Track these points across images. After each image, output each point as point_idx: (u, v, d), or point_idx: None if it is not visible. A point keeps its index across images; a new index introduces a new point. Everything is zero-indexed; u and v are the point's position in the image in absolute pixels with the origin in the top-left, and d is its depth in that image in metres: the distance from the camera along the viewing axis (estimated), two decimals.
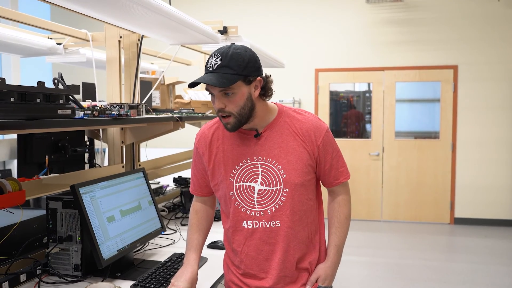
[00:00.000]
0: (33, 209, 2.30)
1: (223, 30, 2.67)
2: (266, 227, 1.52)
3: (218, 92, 1.42)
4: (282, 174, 1.50)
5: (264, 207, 1.52)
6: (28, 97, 1.45)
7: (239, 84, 1.41)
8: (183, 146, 4.55)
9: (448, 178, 6.30)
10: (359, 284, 4.15)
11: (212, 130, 1.61)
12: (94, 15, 1.85)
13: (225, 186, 1.55)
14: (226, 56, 1.40)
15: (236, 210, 1.55)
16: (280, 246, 1.53)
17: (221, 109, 1.43)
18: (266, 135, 1.53)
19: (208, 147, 1.59)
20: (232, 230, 1.58)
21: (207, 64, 1.43)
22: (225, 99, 1.42)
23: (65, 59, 2.95)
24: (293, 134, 1.52)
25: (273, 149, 1.51)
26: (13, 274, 1.68)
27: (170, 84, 3.04)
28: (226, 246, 1.68)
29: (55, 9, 6.89)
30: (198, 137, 1.64)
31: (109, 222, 1.78)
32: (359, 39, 6.46)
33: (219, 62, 1.40)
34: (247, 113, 1.45)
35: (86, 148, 2.51)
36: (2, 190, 1.59)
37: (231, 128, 1.46)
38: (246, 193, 1.53)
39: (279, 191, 1.50)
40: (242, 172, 1.53)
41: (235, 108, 1.43)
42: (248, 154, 1.53)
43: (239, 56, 1.40)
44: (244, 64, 1.40)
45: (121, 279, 1.77)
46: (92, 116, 1.84)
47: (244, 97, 1.43)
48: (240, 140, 1.55)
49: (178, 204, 2.98)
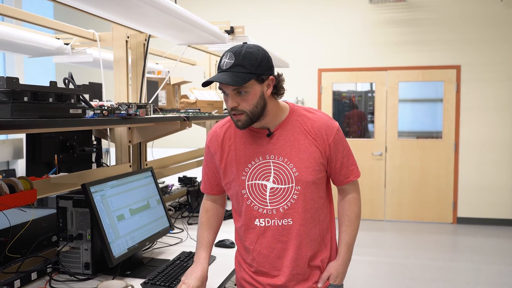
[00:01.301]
0: (38, 208, 2.32)
1: (230, 30, 2.68)
2: (278, 225, 1.53)
3: (232, 90, 1.43)
4: (294, 172, 1.51)
5: (276, 205, 1.53)
6: (40, 96, 1.47)
7: (252, 82, 1.43)
8: (188, 146, 4.56)
9: (451, 178, 6.31)
10: (363, 283, 4.16)
11: (224, 129, 1.62)
12: (103, 15, 1.86)
13: (237, 184, 1.56)
14: (239, 55, 1.41)
15: (248, 208, 1.56)
16: (293, 244, 1.54)
17: (235, 107, 1.44)
18: (278, 133, 1.54)
19: (220, 146, 1.60)
20: (245, 228, 1.59)
21: (220, 63, 1.45)
22: (239, 97, 1.44)
23: (72, 59, 2.96)
24: (305, 133, 1.53)
25: (285, 148, 1.53)
26: (24, 273, 1.70)
27: (176, 84, 3.05)
28: (238, 244, 1.69)
29: (58, 9, 6.91)
30: (210, 136, 1.65)
31: (119, 221, 1.80)
32: (362, 39, 6.47)
33: (232, 61, 1.41)
34: (259, 112, 1.47)
35: (93, 148, 2.53)
36: (14, 189, 1.60)
37: (242, 126, 1.48)
38: (259, 191, 1.54)
39: (291, 189, 1.52)
40: (254, 171, 1.54)
41: (248, 107, 1.44)
42: (260, 152, 1.54)
43: (252, 55, 1.42)
44: (257, 63, 1.42)
45: (131, 277, 1.78)
46: (101, 115, 1.85)
47: (257, 95, 1.45)
48: (252, 139, 1.56)
49: (184, 203, 2.99)
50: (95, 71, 3.30)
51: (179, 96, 3.14)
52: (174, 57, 3.62)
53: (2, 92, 1.35)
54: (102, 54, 2.72)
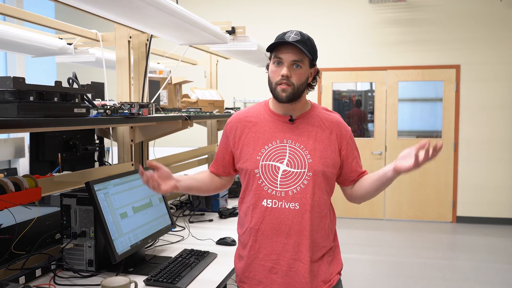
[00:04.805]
0: (42, 206, 2.34)
1: (231, 31, 2.70)
2: (284, 208, 1.56)
3: (291, 60, 1.53)
4: (308, 158, 1.57)
5: (286, 187, 1.57)
6: (45, 96, 1.49)
7: (307, 62, 1.56)
8: (189, 145, 4.59)
9: (450, 177, 6.34)
10: (362, 282, 4.19)
11: (245, 113, 1.70)
12: (107, 15, 1.89)
13: (251, 163, 1.61)
14: (304, 35, 1.55)
15: (259, 188, 1.59)
16: (296, 228, 1.56)
17: (287, 76, 1.53)
18: (299, 122, 1.62)
19: (239, 128, 1.67)
20: (252, 208, 1.61)
21: (284, 36, 1.54)
22: (292, 70, 1.54)
23: (74, 59, 2.98)
24: (323, 128, 1.62)
25: (303, 136, 1.60)
26: (28, 269, 1.72)
27: (177, 83, 3.07)
28: (239, 231, 1.71)
29: (59, 9, 6.93)
30: (231, 119, 1.73)
31: (122, 218, 1.82)
32: (362, 39, 6.50)
33: (298, 38, 1.53)
34: (301, 91, 1.58)
35: (96, 147, 2.55)
36: (19, 187, 1.63)
37: (286, 97, 1.55)
38: (271, 172, 1.58)
39: (303, 174, 1.56)
40: (270, 152, 1.60)
41: (298, 81, 1.54)
42: (279, 136, 1.61)
43: (313, 41, 1.58)
44: (315, 49, 1.59)
45: (133, 274, 1.81)
46: (105, 114, 1.88)
47: (306, 75, 1.58)
48: (273, 123, 1.63)
49: (186, 201, 3.02)
50: (97, 71, 3.33)
51: (180, 95, 3.16)
52: (175, 56, 3.64)
53: (8, 91, 1.38)
54: (105, 54, 2.74)
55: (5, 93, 1.38)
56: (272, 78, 1.57)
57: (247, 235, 1.64)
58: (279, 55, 1.54)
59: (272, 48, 1.56)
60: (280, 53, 1.54)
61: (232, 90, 6.46)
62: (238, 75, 6.25)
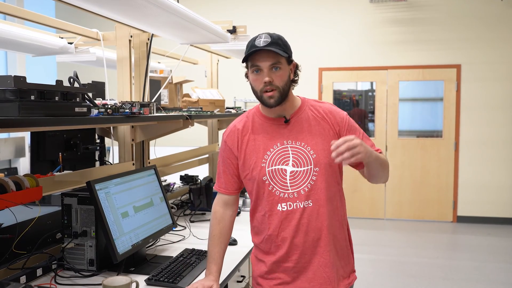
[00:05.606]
0: (43, 205, 2.33)
1: (232, 30, 2.70)
2: (299, 207, 1.57)
3: (269, 65, 1.52)
4: (312, 154, 1.58)
5: (297, 187, 1.57)
6: (47, 95, 1.49)
7: (284, 61, 1.55)
8: (190, 144, 4.58)
9: (451, 176, 6.34)
10: (363, 281, 4.18)
11: (241, 123, 1.68)
12: (108, 14, 1.89)
13: (257, 172, 1.60)
14: (273, 36, 1.55)
15: (270, 194, 1.59)
16: (313, 225, 1.57)
17: (270, 82, 1.52)
18: (293, 121, 1.62)
19: (239, 138, 1.66)
20: (269, 215, 1.60)
21: (254, 42, 1.53)
22: (273, 74, 1.53)
23: (75, 58, 2.98)
24: (318, 119, 1.62)
25: (301, 133, 1.60)
26: (29, 269, 1.72)
27: (178, 83, 3.07)
28: (255, 241, 1.70)
29: (60, 8, 6.92)
30: (227, 132, 1.70)
31: (123, 218, 1.82)
32: (362, 38, 6.49)
33: (269, 40, 1.52)
34: (287, 91, 1.58)
35: (97, 146, 2.55)
36: (20, 186, 1.62)
37: (274, 102, 1.55)
38: (279, 176, 1.58)
39: (310, 170, 1.57)
40: (273, 157, 1.59)
41: (281, 83, 1.54)
42: (278, 139, 1.61)
43: (283, 38, 1.58)
44: (288, 46, 1.58)
45: (135, 274, 1.80)
46: (106, 114, 1.87)
47: (287, 74, 1.57)
48: (270, 127, 1.63)
49: (186, 201, 3.02)
50: (98, 70, 3.32)
51: (181, 94, 3.15)
52: (176, 56, 3.64)
53: (9, 90, 1.37)
54: (105, 53, 2.74)
55: (6, 92, 1.37)
56: (256, 86, 1.56)
57: (267, 243, 1.64)
58: (256, 63, 1.53)
59: (247, 58, 1.55)
60: (256, 60, 1.53)
61: (233, 89, 6.44)
62: (239, 74, 6.18)
